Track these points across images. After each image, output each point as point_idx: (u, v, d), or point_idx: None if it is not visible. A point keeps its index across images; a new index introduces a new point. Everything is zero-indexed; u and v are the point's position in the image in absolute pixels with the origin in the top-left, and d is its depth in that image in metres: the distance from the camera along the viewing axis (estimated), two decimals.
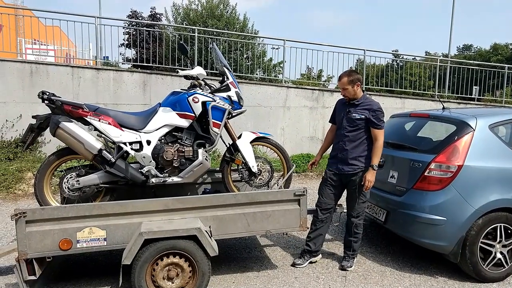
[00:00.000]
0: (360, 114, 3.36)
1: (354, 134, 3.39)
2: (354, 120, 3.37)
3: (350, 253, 3.57)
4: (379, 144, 3.33)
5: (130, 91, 7.99)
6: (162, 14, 19.94)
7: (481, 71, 11.42)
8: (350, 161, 3.39)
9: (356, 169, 3.39)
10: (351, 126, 3.39)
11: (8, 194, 5.91)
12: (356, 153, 3.38)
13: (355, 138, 3.39)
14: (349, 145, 3.39)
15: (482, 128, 3.37)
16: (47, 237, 2.74)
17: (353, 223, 3.49)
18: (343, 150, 3.42)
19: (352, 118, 3.38)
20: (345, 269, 3.49)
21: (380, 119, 3.34)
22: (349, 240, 3.55)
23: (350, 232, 3.53)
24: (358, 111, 3.38)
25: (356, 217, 3.48)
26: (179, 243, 2.82)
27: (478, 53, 44.04)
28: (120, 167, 3.22)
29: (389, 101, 9.86)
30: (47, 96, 3.16)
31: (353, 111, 3.40)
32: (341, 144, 3.44)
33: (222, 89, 3.47)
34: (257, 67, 12.29)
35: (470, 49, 51.87)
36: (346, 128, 3.42)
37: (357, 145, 3.39)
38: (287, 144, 8.55)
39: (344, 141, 3.42)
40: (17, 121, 7.27)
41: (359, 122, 3.36)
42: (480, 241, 3.25)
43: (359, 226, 3.51)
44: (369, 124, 3.34)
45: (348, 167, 3.41)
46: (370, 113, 3.33)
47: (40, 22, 9.02)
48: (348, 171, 3.41)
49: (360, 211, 3.48)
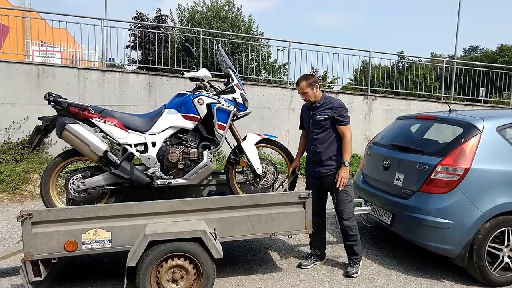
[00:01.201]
0: (323, 115, 3.36)
1: (323, 136, 3.38)
2: (319, 122, 3.38)
3: (353, 258, 3.50)
4: (347, 139, 3.33)
5: (136, 92, 8.02)
6: (167, 16, 20.02)
7: (488, 72, 11.32)
8: (325, 163, 3.39)
9: (332, 169, 3.38)
10: (318, 128, 3.40)
11: (15, 195, 5.95)
12: (329, 153, 3.38)
13: (324, 139, 3.38)
14: (320, 147, 3.39)
15: (490, 130, 3.34)
16: (53, 238, 2.75)
17: (346, 226, 3.42)
18: (315, 153, 3.43)
19: (317, 120, 3.39)
20: (351, 276, 3.40)
21: (344, 115, 3.33)
22: (348, 245, 3.48)
23: (346, 236, 3.47)
24: (321, 113, 3.38)
25: (347, 219, 3.41)
26: (184, 245, 2.82)
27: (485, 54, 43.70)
28: (125, 169, 3.23)
29: (394, 102, 9.82)
30: (53, 98, 3.18)
31: (316, 113, 3.41)
32: (313, 147, 3.45)
33: (227, 91, 3.47)
34: (262, 68, 12.27)
35: (477, 50, 51.53)
36: (313, 131, 3.43)
37: (328, 146, 3.38)
38: (292, 146, 8.48)
39: (315, 144, 3.42)
40: (24, 122, 7.33)
41: (324, 123, 3.36)
42: (488, 245, 3.21)
43: (353, 228, 3.43)
44: (334, 122, 3.34)
45: (324, 168, 3.40)
46: (333, 112, 3.33)
47: (47, 24, 9.09)
48: (325, 172, 3.40)
49: (349, 212, 3.42)
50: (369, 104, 9.56)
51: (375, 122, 9.37)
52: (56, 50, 11.28)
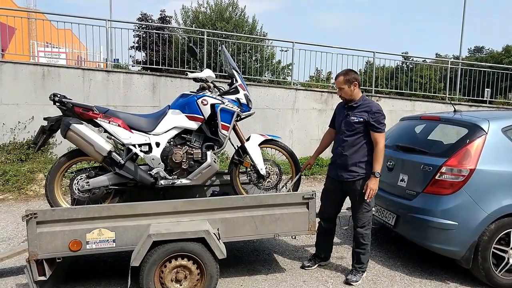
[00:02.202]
0: (358, 117, 3.18)
1: (353, 139, 3.22)
2: (353, 124, 3.20)
3: (357, 266, 3.35)
4: (380, 148, 3.14)
5: (140, 93, 8.05)
6: (171, 17, 20.11)
7: (493, 73, 11.25)
8: (349, 168, 3.23)
9: (356, 176, 3.22)
10: (350, 130, 3.22)
11: (20, 194, 5.99)
12: (356, 158, 3.21)
13: (354, 143, 3.22)
14: (348, 150, 3.23)
15: (495, 131, 3.32)
16: (57, 238, 2.76)
17: (359, 233, 3.29)
18: (342, 156, 3.26)
19: (350, 121, 3.21)
20: (350, 284, 3.27)
21: (381, 122, 3.15)
22: (356, 252, 3.35)
23: (357, 243, 3.33)
24: (356, 114, 3.20)
25: (362, 227, 3.28)
26: (188, 245, 2.82)
27: (490, 55, 43.42)
28: (129, 169, 3.24)
29: (398, 103, 9.78)
30: (58, 98, 3.20)
31: (351, 114, 3.23)
32: (340, 149, 3.28)
33: (231, 92, 3.47)
34: (265, 69, 12.27)
35: (482, 51, 51.25)
36: (344, 132, 3.26)
37: (357, 150, 3.21)
38: (295, 146, 8.52)
39: (343, 146, 3.26)
40: (29, 123, 7.38)
41: (357, 126, 3.19)
42: (493, 247, 3.18)
43: (366, 237, 3.30)
44: (369, 127, 3.16)
45: (347, 174, 3.24)
46: (369, 116, 3.15)
47: (52, 25, 9.15)
48: (347, 178, 3.25)
49: (365, 220, 3.27)
50: None
51: None
52: (61, 51, 11.36)
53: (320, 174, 7.90)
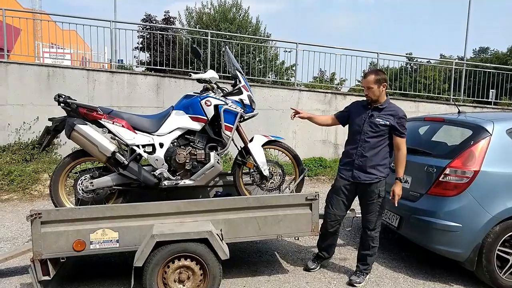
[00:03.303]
0: (385, 120, 3.14)
1: (376, 141, 3.17)
2: (378, 126, 3.15)
3: (362, 268, 3.34)
4: (402, 153, 3.15)
5: (144, 94, 8.08)
6: (175, 18, 20.15)
7: (498, 74, 11.18)
8: (368, 169, 3.18)
9: (374, 178, 3.18)
10: (374, 132, 3.17)
11: (25, 194, 6.03)
12: (376, 161, 3.18)
13: (376, 144, 3.17)
14: (369, 152, 3.18)
15: (500, 132, 3.30)
16: (61, 238, 2.78)
17: (369, 236, 3.28)
18: (361, 157, 3.20)
19: (376, 123, 3.16)
20: (353, 285, 3.26)
21: (405, 127, 3.16)
22: (363, 254, 3.33)
23: (365, 245, 3.31)
24: (382, 116, 3.16)
25: (373, 230, 3.27)
26: (191, 246, 2.83)
27: (495, 55, 43.12)
28: (133, 170, 3.25)
29: (402, 104, 9.68)
30: (63, 99, 3.22)
31: (376, 115, 3.18)
32: (360, 150, 3.21)
33: (234, 93, 3.48)
34: (269, 70, 12.28)
35: (487, 51, 50.87)
36: (367, 133, 3.19)
37: (377, 153, 3.18)
38: (299, 147, 8.51)
39: (364, 147, 3.19)
40: (34, 123, 7.43)
41: (382, 128, 3.15)
42: (497, 249, 3.17)
43: (376, 239, 3.30)
44: (393, 131, 3.15)
45: (365, 176, 3.20)
46: (395, 120, 3.13)
47: (57, 26, 9.21)
48: (365, 180, 3.21)
49: (377, 223, 3.28)
50: None
51: None
52: (66, 52, 11.43)
53: (323, 175, 7.88)
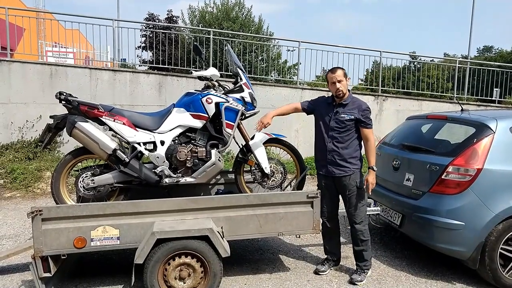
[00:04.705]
0: (349, 115, 3.23)
1: (343, 136, 3.25)
2: (344, 121, 3.24)
3: (361, 265, 3.35)
4: (372, 143, 3.25)
5: (146, 92, 8.09)
6: (178, 17, 20.17)
7: (502, 72, 11.10)
8: (340, 163, 3.25)
9: (348, 171, 3.25)
10: (341, 127, 3.25)
11: (27, 192, 6.05)
12: (347, 154, 3.25)
13: (344, 139, 3.25)
14: (338, 146, 3.26)
15: (503, 130, 3.27)
16: (62, 235, 2.78)
17: (358, 230, 3.30)
18: (332, 152, 3.27)
19: (341, 119, 3.24)
20: (354, 283, 3.26)
21: (369, 118, 3.26)
22: (358, 251, 3.35)
23: (356, 241, 3.33)
24: (347, 112, 3.24)
25: (360, 223, 3.30)
26: (191, 243, 2.82)
27: (499, 54, 42.85)
28: (134, 167, 3.25)
29: (405, 103, 9.70)
30: (64, 96, 3.22)
31: (341, 111, 3.26)
32: (330, 145, 3.28)
33: (235, 90, 3.47)
34: (272, 69, 12.26)
35: (491, 50, 50.58)
36: (334, 129, 3.27)
37: (347, 146, 3.26)
38: (301, 146, 8.49)
39: (333, 143, 3.27)
40: (37, 121, 7.46)
41: (348, 123, 3.23)
42: (500, 247, 3.14)
43: (365, 232, 3.31)
44: (359, 124, 3.24)
45: (339, 170, 3.26)
46: (360, 113, 3.22)
47: (60, 25, 9.23)
48: (339, 173, 3.27)
49: (362, 216, 3.30)
50: (380, 104, 9.47)
51: (385, 122, 9.27)
52: (69, 51, 11.46)
53: None
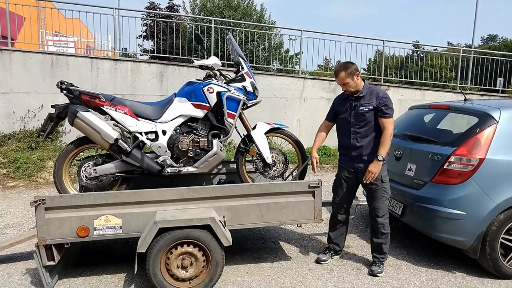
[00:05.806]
0: (367, 106, 3.14)
1: (366, 129, 3.18)
2: (363, 114, 3.16)
3: (380, 257, 3.32)
4: (388, 133, 3.09)
5: (147, 82, 8.06)
6: (179, 6, 19.98)
7: (506, 62, 11.00)
8: (366, 158, 3.20)
9: None
10: (361, 121, 3.19)
11: (30, 182, 6.08)
12: (372, 149, 3.18)
13: (366, 133, 3.19)
14: (362, 141, 3.20)
15: (506, 120, 3.25)
16: (65, 224, 2.80)
17: (380, 224, 3.25)
18: (356, 148, 3.22)
19: (361, 112, 3.17)
20: (375, 275, 3.24)
21: (389, 107, 3.12)
22: (377, 243, 3.31)
23: (376, 233, 3.29)
24: (364, 104, 3.16)
25: (382, 217, 3.25)
26: (193, 232, 2.84)
27: (504, 43, 42.37)
28: (136, 157, 3.26)
29: (408, 93, 9.65)
30: (65, 85, 3.21)
31: (359, 104, 3.19)
32: (353, 142, 3.23)
33: (237, 80, 3.45)
34: (273, 58, 12.17)
35: (495, 39, 49.97)
36: (356, 124, 3.21)
37: (370, 140, 3.19)
38: (303, 136, 8.49)
39: (356, 138, 3.22)
40: (38, 111, 7.46)
41: (368, 115, 3.15)
42: (501, 237, 3.15)
43: (386, 226, 3.26)
44: (378, 113, 3.13)
45: (364, 165, 3.21)
46: (378, 101, 3.12)
47: (60, 14, 9.16)
48: (365, 169, 3.19)
49: (385, 209, 3.25)
50: None
51: None
52: (69, 40, 11.40)
53: (327, 164, 7.87)
